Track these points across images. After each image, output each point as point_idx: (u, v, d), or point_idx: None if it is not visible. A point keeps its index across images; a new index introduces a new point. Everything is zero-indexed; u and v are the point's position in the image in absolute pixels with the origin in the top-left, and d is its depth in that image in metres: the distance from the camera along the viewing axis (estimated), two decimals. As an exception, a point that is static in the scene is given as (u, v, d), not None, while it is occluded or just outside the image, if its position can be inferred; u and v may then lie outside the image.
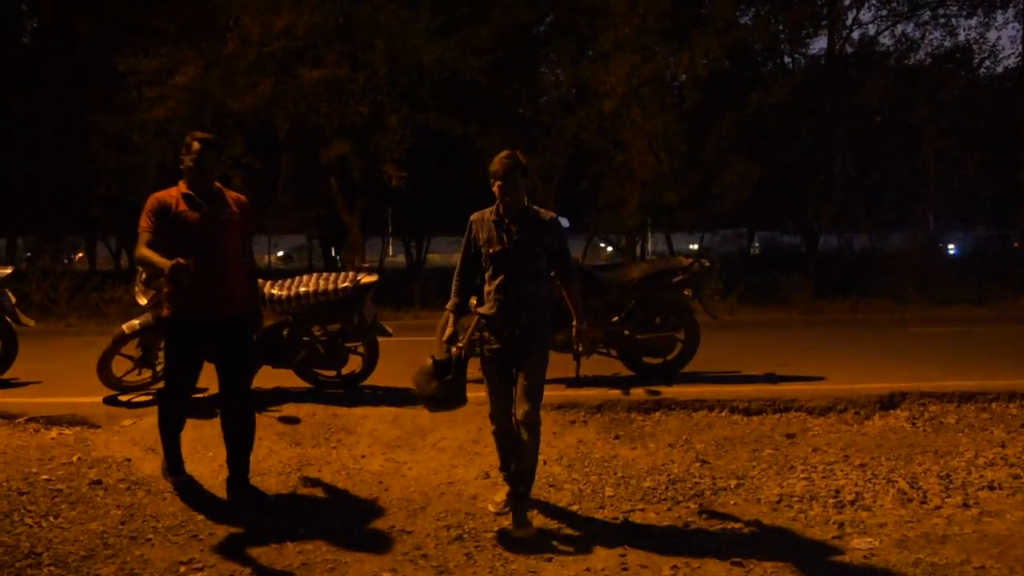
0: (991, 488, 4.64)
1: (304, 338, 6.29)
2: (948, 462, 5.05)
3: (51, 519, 4.13)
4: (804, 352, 8.62)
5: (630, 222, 15.59)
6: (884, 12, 19.34)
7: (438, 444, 5.36)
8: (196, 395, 6.09)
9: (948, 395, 6.27)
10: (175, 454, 4.52)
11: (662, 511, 4.38)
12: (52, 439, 5.32)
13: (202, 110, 13.57)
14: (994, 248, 24.78)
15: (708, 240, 28.27)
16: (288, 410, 5.86)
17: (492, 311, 4.01)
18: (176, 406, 4.47)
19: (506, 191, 3.92)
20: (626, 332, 6.83)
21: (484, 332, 4.08)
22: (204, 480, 4.63)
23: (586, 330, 4.17)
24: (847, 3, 18.87)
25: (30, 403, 5.97)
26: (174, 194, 4.17)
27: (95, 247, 25.83)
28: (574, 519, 4.30)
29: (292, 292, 6.14)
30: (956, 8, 18.87)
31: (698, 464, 5.09)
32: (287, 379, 6.42)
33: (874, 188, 19.60)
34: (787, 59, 19.91)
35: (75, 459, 4.94)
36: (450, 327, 4.12)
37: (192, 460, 4.88)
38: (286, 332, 6.25)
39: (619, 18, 14.04)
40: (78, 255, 17.82)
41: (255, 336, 4.48)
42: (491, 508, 4.34)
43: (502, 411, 4.12)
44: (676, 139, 14.33)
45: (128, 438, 5.32)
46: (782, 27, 18.07)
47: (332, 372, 6.47)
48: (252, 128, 14.32)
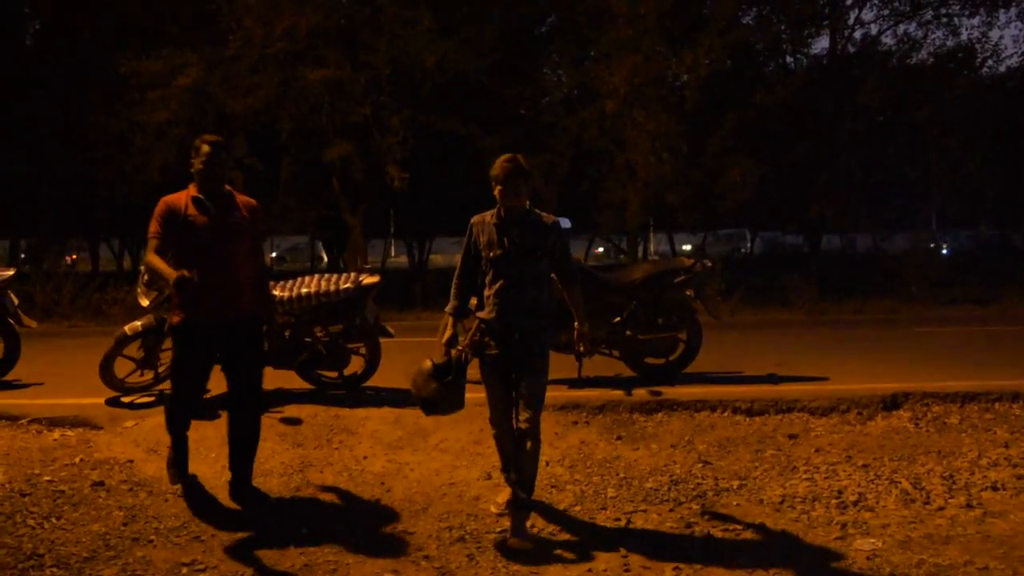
0: (994, 489, 4.63)
1: (306, 339, 6.28)
2: (951, 463, 5.04)
3: (53, 520, 4.13)
4: (806, 352, 8.60)
5: (632, 222, 15.59)
6: (886, 11, 19.28)
7: (440, 445, 5.36)
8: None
9: (951, 395, 6.25)
10: (180, 455, 4.52)
11: (664, 512, 4.38)
12: (54, 440, 5.32)
13: (204, 112, 13.60)
14: (988, 247, 24.75)
15: (701, 240, 28.08)
16: (290, 411, 5.86)
17: (492, 316, 3.97)
18: (183, 409, 4.46)
19: (507, 196, 3.86)
20: (628, 333, 6.82)
21: (484, 337, 4.04)
22: (206, 481, 4.63)
23: (587, 332, 4.15)
24: (849, 3, 18.83)
25: (33, 404, 5.98)
26: (183, 198, 4.16)
27: (98, 249, 25.88)
28: (576, 520, 4.30)
29: (294, 293, 6.14)
30: (958, 7, 18.81)
31: (700, 465, 5.08)
32: (289, 380, 6.41)
33: (876, 188, 19.57)
34: (789, 59, 19.88)
35: (77, 460, 4.94)
36: (449, 330, 4.09)
37: (195, 461, 4.88)
38: (288, 333, 6.25)
39: (621, 18, 14.05)
40: (71, 257, 17.78)
41: (269, 339, 4.47)
42: (493, 509, 4.33)
43: (502, 416, 4.09)
44: (678, 139, 14.33)
45: (130, 439, 5.32)
46: (784, 27, 18.06)
47: (334, 373, 6.46)
48: (254, 129, 14.36)
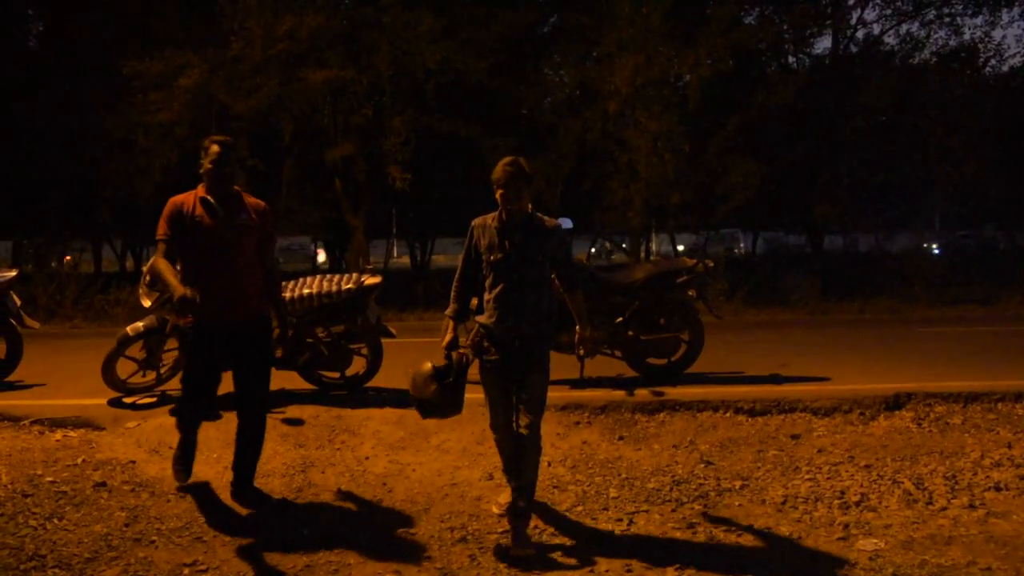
0: (997, 489, 4.62)
1: (308, 340, 6.28)
2: (954, 463, 5.03)
3: (55, 521, 4.14)
4: (809, 352, 8.59)
5: (634, 223, 15.58)
6: (889, 11, 19.25)
7: (442, 446, 5.35)
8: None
9: (954, 395, 6.24)
10: (188, 454, 4.52)
11: (666, 512, 4.38)
12: (57, 441, 5.33)
13: (207, 113, 13.60)
14: (980, 247, 24.67)
15: (693, 241, 27.84)
16: (292, 412, 5.86)
17: (492, 321, 3.92)
18: (193, 410, 4.45)
19: (509, 199, 3.83)
20: (630, 333, 6.81)
21: (484, 341, 4.00)
22: (209, 482, 4.64)
23: (589, 337, 4.11)
24: (851, 3, 18.80)
25: (35, 405, 5.98)
26: (191, 198, 4.15)
27: (101, 250, 25.93)
28: (578, 521, 4.29)
29: (296, 294, 6.14)
30: (961, 7, 18.79)
31: (703, 465, 5.08)
32: (291, 381, 6.42)
33: (879, 188, 19.53)
34: (791, 59, 19.87)
35: (79, 461, 4.94)
36: (450, 333, 4.03)
37: (197, 462, 4.88)
38: (290, 333, 6.23)
39: (623, 19, 14.05)
40: (66, 258, 17.74)
41: (280, 343, 4.45)
42: (495, 510, 4.33)
43: (502, 421, 4.06)
44: (680, 139, 14.33)
45: (132, 440, 5.32)
46: (786, 27, 18.03)
47: (336, 373, 6.46)
48: (256, 130, 14.36)
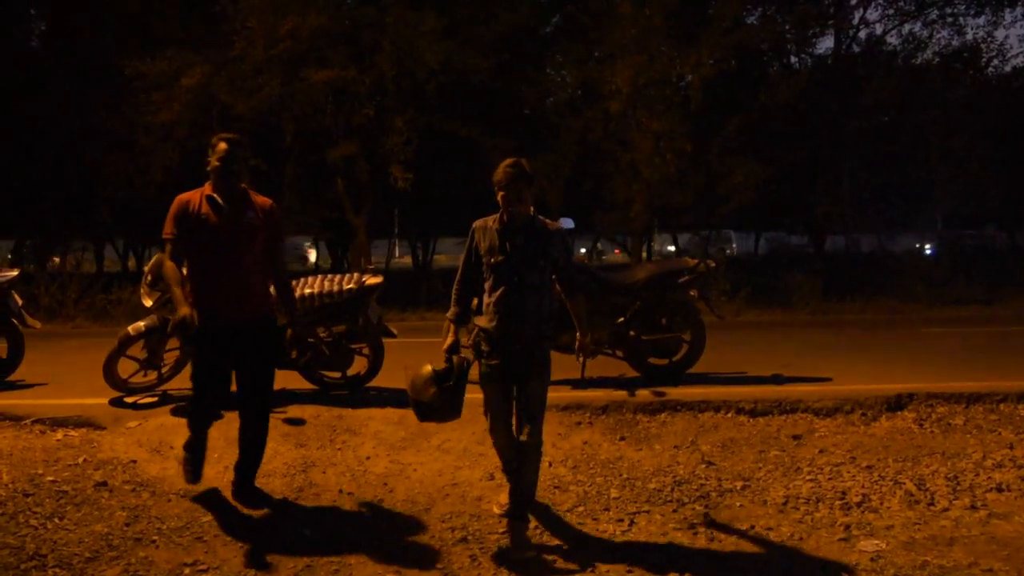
0: (999, 490, 4.61)
1: (309, 339, 6.27)
2: (956, 464, 5.02)
3: (56, 520, 4.14)
4: (810, 353, 8.58)
5: (636, 223, 15.57)
6: (891, 11, 19.27)
7: (443, 446, 5.35)
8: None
9: (956, 396, 6.22)
10: (197, 454, 4.47)
11: (667, 513, 4.37)
12: (58, 440, 5.33)
13: (208, 113, 13.62)
14: (972, 248, 24.60)
15: (686, 241, 27.72)
16: (293, 411, 5.86)
17: (491, 324, 3.87)
18: (204, 409, 4.40)
19: (510, 201, 3.79)
20: (632, 333, 6.81)
21: (483, 344, 3.95)
22: (209, 482, 4.62)
23: (589, 344, 4.08)
24: (854, 2, 18.82)
25: (36, 404, 5.98)
26: (197, 196, 4.14)
27: (103, 249, 25.99)
28: (579, 521, 4.29)
29: (297, 294, 6.13)
30: (964, 7, 18.80)
31: (704, 465, 5.07)
32: (292, 380, 6.42)
33: (881, 188, 19.51)
34: (793, 59, 19.88)
35: (81, 460, 4.94)
36: (450, 337, 3.99)
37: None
38: (291, 333, 6.23)
39: (625, 19, 14.04)
40: (54, 259, 17.73)
41: (290, 343, 4.44)
42: (496, 510, 4.32)
43: (501, 426, 4.03)
44: (682, 140, 14.31)
45: (134, 440, 5.32)
46: (788, 27, 18.02)
47: (337, 373, 6.46)
48: (258, 130, 14.36)
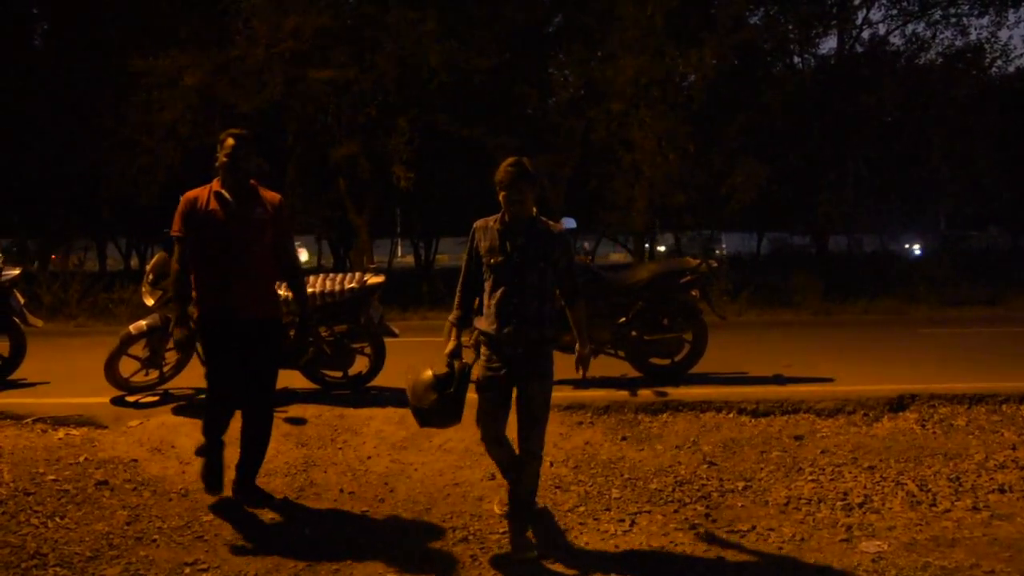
0: (1001, 491, 4.60)
1: (310, 339, 6.27)
2: (958, 465, 5.01)
3: (57, 520, 4.14)
4: (812, 353, 8.56)
5: (638, 223, 15.57)
6: (894, 11, 19.28)
7: (444, 445, 5.34)
8: (204, 396, 6.16)
9: (958, 397, 6.20)
10: (215, 463, 4.37)
11: (669, 513, 4.36)
12: (59, 439, 5.33)
13: (211, 112, 13.63)
14: (963, 249, 24.55)
15: (674, 241, 27.49)
16: (294, 411, 5.85)
17: (492, 327, 3.76)
18: (219, 409, 4.34)
19: (512, 201, 3.69)
20: (634, 333, 6.80)
21: (484, 349, 3.85)
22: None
23: (588, 354, 3.92)
24: (857, 3, 18.80)
25: (38, 403, 5.98)
26: (205, 192, 4.13)
27: (105, 248, 26.04)
28: (580, 521, 4.28)
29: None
30: (967, 7, 18.79)
31: (705, 466, 5.06)
32: (294, 380, 6.42)
33: (884, 188, 19.50)
34: (796, 59, 19.87)
35: (82, 459, 4.95)
36: (452, 340, 3.86)
37: (198, 461, 4.88)
38: (292, 333, 6.23)
39: (628, 19, 14.04)
40: (52, 257, 17.73)
41: (297, 337, 4.42)
42: (497, 510, 4.32)
43: (493, 432, 3.89)
44: (685, 140, 14.31)
45: (135, 439, 5.32)
46: (791, 27, 18.01)
47: (338, 373, 6.46)
48: (260, 130, 14.37)
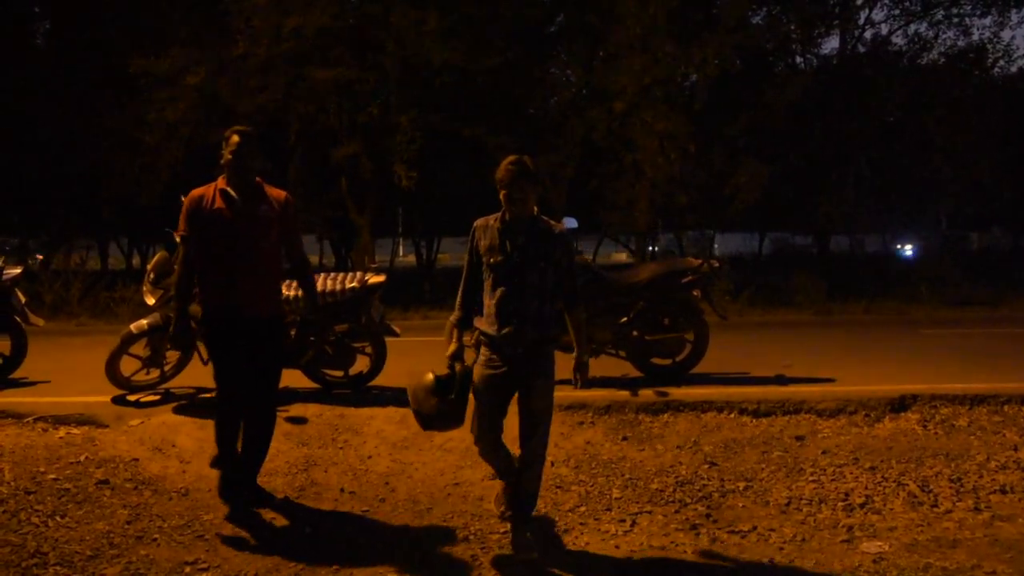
0: (1003, 492, 4.59)
1: (311, 338, 6.27)
2: (959, 465, 5.00)
3: (58, 518, 4.14)
4: (814, 353, 8.55)
5: (640, 223, 15.56)
6: (897, 11, 19.28)
7: (445, 445, 5.34)
8: (205, 395, 6.17)
9: (960, 398, 6.20)
10: (231, 473, 4.30)
11: (670, 513, 4.36)
12: (60, 438, 5.33)
13: (213, 111, 13.64)
14: (958, 249, 24.54)
15: (670, 242, 27.35)
16: (295, 410, 5.86)
17: (492, 328, 3.69)
18: (229, 410, 4.29)
19: (513, 200, 3.64)
20: (635, 333, 6.79)
21: (483, 348, 3.80)
22: (211, 480, 4.61)
23: (586, 363, 3.86)
24: (859, 3, 18.79)
25: (39, 402, 5.98)
26: (211, 190, 4.11)
27: (107, 247, 26.08)
28: (581, 521, 4.28)
29: (299, 292, 6.13)
30: (970, 7, 18.77)
31: (706, 466, 5.05)
32: (294, 379, 6.42)
33: (886, 189, 19.49)
34: (799, 59, 19.87)
35: (82, 458, 4.94)
36: (454, 343, 3.79)
37: (199, 460, 4.90)
38: (293, 332, 6.24)
39: (630, 18, 14.03)
40: (38, 256, 17.73)
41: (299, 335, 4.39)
42: (496, 510, 4.30)
43: (488, 437, 3.83)
44: (686, 140, 14.30)
45: (135, 438, 5.32)
46: (793, 27, 18.00)
47: (339, 372, 6.46)
48: (262, 129, 14.38)
